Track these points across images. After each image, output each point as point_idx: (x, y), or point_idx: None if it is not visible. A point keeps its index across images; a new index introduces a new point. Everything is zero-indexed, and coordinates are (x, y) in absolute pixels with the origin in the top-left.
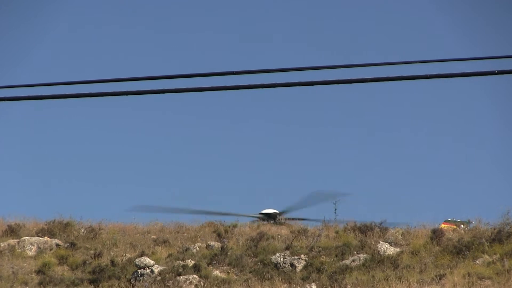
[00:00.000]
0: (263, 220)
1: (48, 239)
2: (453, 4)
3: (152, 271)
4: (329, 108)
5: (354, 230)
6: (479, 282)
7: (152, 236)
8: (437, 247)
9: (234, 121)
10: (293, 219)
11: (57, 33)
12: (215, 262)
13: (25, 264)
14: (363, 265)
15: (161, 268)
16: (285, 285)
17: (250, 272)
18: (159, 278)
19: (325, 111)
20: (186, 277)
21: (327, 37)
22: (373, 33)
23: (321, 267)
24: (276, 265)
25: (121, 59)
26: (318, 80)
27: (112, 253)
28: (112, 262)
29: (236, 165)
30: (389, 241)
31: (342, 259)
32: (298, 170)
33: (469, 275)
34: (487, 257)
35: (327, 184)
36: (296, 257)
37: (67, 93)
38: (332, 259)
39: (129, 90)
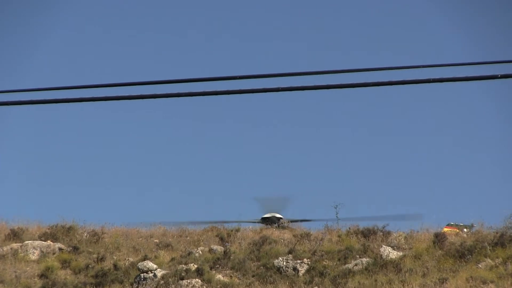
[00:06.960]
0: (266, 224)
1: (51, 243)
2: (457, 8)
3: (155, 275)
4: (329, 109)
5: (356, 234)
6: (481, 286)
7: (155, 240)
8: (440, 251)
9: (250, 124)
10: (295, 221)
11: (58, 37)
12: (218, 266)
13: (28, 268)
14: (366, 269)
15: (164, 272)
16: None
17: (253, 276)
18: (162, 282)
19: (324, 113)
20: (189, 281)
21: (328, 39)
22: (376, 37)
23: (324, 271)
24: (279, 269)
25: (122, 62)
26: (321, 85)
27: (115, 257)
28: (115, 266)
29: (243, 168)
30: (391, 245)
31: (345, 263)
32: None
33: (471, 279)
34: (490, 261)
35: (325, 185)
36: (299, 261)
37: (69, 97)
38: (334, 263)
39: (132, 94)
